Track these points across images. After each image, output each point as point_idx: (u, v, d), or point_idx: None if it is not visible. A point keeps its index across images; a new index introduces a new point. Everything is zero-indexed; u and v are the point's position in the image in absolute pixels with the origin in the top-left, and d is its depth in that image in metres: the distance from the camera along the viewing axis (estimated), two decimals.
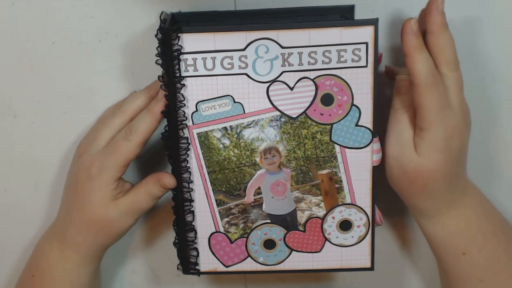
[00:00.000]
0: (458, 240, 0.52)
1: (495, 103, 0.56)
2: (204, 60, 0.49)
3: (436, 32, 0.47)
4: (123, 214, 0.52)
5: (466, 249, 0.51)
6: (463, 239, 0.51)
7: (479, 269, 0.51)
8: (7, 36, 0.55)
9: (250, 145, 0.51)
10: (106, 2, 0.54)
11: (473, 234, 0.51)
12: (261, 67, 0.49)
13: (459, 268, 0.52)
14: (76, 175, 0.53)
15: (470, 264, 0.51)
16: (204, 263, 0.54)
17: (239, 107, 0.50)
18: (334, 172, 0.51)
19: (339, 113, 0.50)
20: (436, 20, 0.47)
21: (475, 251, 0.51)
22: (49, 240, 0.56)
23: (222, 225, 0.53)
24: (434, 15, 0.47)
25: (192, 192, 0.52)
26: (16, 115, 0.58)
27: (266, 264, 0.54)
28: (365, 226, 0.53)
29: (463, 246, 0.51)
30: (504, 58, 0.54)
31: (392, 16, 0.53)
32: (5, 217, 0.62)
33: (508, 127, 0.57)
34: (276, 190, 0.52)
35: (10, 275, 0.64)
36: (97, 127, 0.54)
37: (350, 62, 0.48)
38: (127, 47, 0.55)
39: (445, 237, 0.52)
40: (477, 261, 0.51)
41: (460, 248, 0.51)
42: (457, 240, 0.52)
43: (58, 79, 0.56)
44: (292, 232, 0.53)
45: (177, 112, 0.50)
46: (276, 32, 0.48)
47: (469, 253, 0.51)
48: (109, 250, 0.56)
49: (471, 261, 0.51)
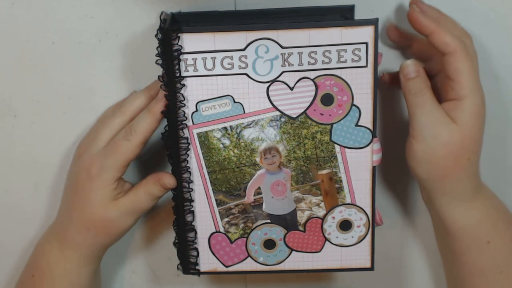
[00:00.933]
0: (483, 228, 0.51)
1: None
2: (204, 60, 0.49)
3: (431, 33, 0.48)
4: (123, 214, 0.52)
5: (490, 237, 0.51)
6: (487, 227, 0.51)
7: (500, 259, 0.51)
8: (7, 36, 0.55)
9: (250, 145, 0.51)
10: (106, 2, 0.54)
11: (495, 221, 0.52)
12: (261, 67, 0.49)
13: (481, 259, 0.52)
14: (76, 175, 0.53)
15: (493, 253, 0.51)
16: (204, 263, 0.54)
17: (239, 107, 0.50)
18: (334, 172, 0.51)
19: (339, 113, 0.50)
20: (424, 24, 0.48)
21: (498, 239, 0.51)
22: (49, 240, 0.56)
23: (222, 225, 0.53)
24: (419, 23, 0.48)
25: (192, 192, 0.52)
26: (16, 115, 0.58)
27: (266, 264, 0.54)
28: (365, 226, 0.53)
29: (488, 234, 0.51)
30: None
31: (392, 16, 0.53)
32: (5, 217, 0.62)
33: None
34: (276, 190, 0.52)
35: (10, 275, 0.64)
36: (97, 127, 0.54)
37: (350, 62, 0.48)
38: (127, 47, 0.55)
39: (472, 226, 0.51)
40: (500, 249, 0.51)
41: (485, 237, 0.51)
42: (482, 228, 0.51)
43: (58, 79, 0.56)
44: (292, 232, 0.53)
45: (177, 112, 0.50)
46: (276, 32, 0.48)
47: (493, 241, 0.51)
48: (109, 250, 0.56)
49: (494, 250, 0.51)
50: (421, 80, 0.49)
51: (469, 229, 0.52)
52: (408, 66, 0.50)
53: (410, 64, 0.50)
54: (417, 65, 0.50)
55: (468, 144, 0.49)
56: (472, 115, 0.48)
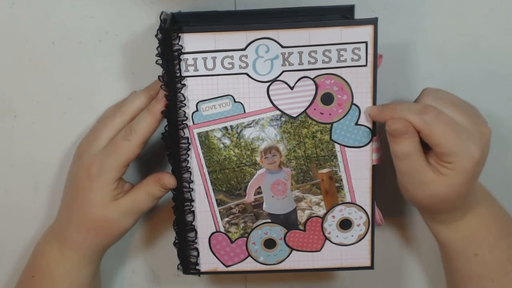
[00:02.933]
0: (470, 242, 0.51)
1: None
2: (205, 60, 0.49)
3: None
4: (123, 214, 0.52)
5: (478, 251, 0.51)
6: (475, 241, 0.51)
7: (490, 270, 0.51)
8: (7, 36, 0.55)
9: (251, 145, 0.51)
10: (106, 2, 0.54)
11: (485, 236, 0.51)
12: (261, 67, 0.49)
13: (470, 269, 0.52)
14: (76, 175, 0.53)
15: (481, 264, 0.51)
16: (204, 263, 0.54)
17: (239, 106, 0.50)
18: (334, 171, 0.52)
19: (339, 112, 0.50)
20: (383, 115, 0.47)
21: (487, 252, 0.51)
22: (49, 241, 0.56)
23: (222, 225, 0.53)
24: (394, 122, 0.47)
25: (193, 192, 0.52)
26: (16, 115, 0.58)
27: (267, 264, 0.55)
28: (365, 225, 0.53)
29: (475, 247, 0.51)
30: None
31: (392, 16, 0.54)
32: (5, 217, 0.62)
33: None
34: (277, 189, 0.52)
35: (10, 275, 0.64)
36: (97, 127, 0.54)
37: (350, 61, 0.48)
38: (127, 47, 0.55)
39: (458, 240, 0.52)
40: (488, 261, 0.51)
41: (472, 250, 0.51)
42: (469, 241, 0.51)
43: (58, 79, 0.56)
44: (292, 231, 0.54)
45: (178, 112, 0.50)
46: (276, 32, 0.48)
47: (481, 254, 0.51)
48: (109, 250, 0.56)
49: (482, 262, 0.51)
50: (409, 142, 0.47)
51: (455, 242, 0.52)
52: (395, 123, 0.46)
53: (397, 122, 0.46)
54: (405, 124, 0.46)
55: (456, 192, 0.48)
56: (462, 173, 0.47)
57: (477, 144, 0.46)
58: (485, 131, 0.47)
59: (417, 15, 0.54)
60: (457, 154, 0.46)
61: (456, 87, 0.55)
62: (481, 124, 0.48)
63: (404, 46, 0.55)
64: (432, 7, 0.53)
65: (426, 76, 0.56)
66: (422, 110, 0.46)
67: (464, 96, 0.51)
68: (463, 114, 0.47)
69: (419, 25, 0.54)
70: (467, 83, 0.56)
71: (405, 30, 0.54)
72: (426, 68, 0.55)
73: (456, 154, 0.46)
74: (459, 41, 0.54)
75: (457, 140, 0.46)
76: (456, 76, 0.56)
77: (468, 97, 0.50)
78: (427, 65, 0.55)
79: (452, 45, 0.55)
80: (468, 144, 0.46)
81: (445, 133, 0.45)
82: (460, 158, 0.46)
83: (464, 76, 0.55)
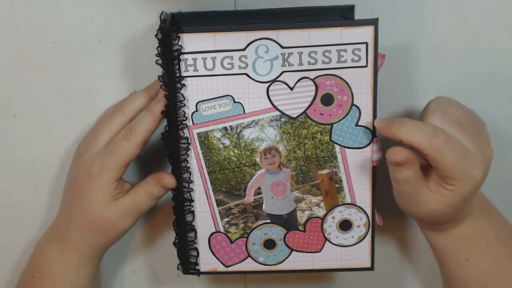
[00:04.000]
0: (462, 247, 0.51)
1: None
2: (204, 60, 0.49)
3: (406, 140, 0.46)
4: (123, 214, 0.52)
5: (470, 256, 0.51)
6: (466, 246, 0.51)
7: (482, 274, 0.51)
8: (7, 36, 0.55)
9: (250, 145, 0.51)
10: (106, 2, 0.54)
11: (477, 241, 0.51)
12: (261, 67, 0.49)
13: (463, 273, 0.52)
14: (76, 175, 0.53)
15: (473, 269, 0.51)
16: (204, 263, 0.54)
17: (239, 107, 0.50)
18: (334, 172, 0.51)
19: (339, 113, 0.50)
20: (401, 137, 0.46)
21: (479, 257, 0.51)
22: (49, 241, 0.56)
23: (222, 225, 0.53)
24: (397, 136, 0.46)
25: (192, 192, 0.52)
26: (16, 115, 0.58)
27: (266, 264, 0.54)
28: (365, 226, 0.53)
29: (467, 252, 0.51)
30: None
31: (392, 16, 0.53)
32: (5, 217, 0.62)
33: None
34: (276, 190, 0.52)
35: (10, 275, 0.64)
36: (97, 127, 0.54)
37: (350, 62, 0.48)
38: (127, 47, 0.55)
39: (450, 245, 0.52)
40: (481, 266, 0.51)
41: (464, 255, 0.51)
42: (461, 247, 0.51)
43: (58, 79, 0.56)
44: (292, 232, 0.53)
45: (177, 112, 0.50)
46: (276, 32, 0.48)
47: (473, 259, 0.51)
48: (109, 250, 0.56)
49: (474, 266, 0.51)
50: (410, 170, 0.46)
51: (446, 247, 0.52)
52: (396, 155, 0.46)
53: (399, 154, 0.46)
54: (406, 155, 0.46)
55: (454, 211, 0.48)
56: (461, 194, 0.46)
57: (480, 169, 0.46)
58: (488, 154, 0.47)
59: (417, 15, 0.53)
60: (460, 179, 0.46)
61: (457, 87, 0.55)
62: (485, 146, 0.48)
63: (404, 46, 0.55)
64: (432, 7, 0.53)
65: (427, 76, 0.55)
66: (432, 134, 0.45)
67: (464, 96, 0.51)
68: (470, 137, 0.47)
69: (419, 25, 0.54)
70: (468, 83, 0.55)
71: (405, 30, 0.54)
72: (427, 69, 0.55)
73: (459, 179, 0.46)
74: (459, 41, 0.54)
75: (463, 166, 0.45)
76: (456, 76, 0.55)
77: (468, 98, 0.50)
78: (427, 66, 0.55)
79: (453, 45, 0.54)
80: (472, 170, 0.46)
81: (452, 160, 0.45)
82: (462, 182, 0.46)
83: (465, 76, 0.55)
